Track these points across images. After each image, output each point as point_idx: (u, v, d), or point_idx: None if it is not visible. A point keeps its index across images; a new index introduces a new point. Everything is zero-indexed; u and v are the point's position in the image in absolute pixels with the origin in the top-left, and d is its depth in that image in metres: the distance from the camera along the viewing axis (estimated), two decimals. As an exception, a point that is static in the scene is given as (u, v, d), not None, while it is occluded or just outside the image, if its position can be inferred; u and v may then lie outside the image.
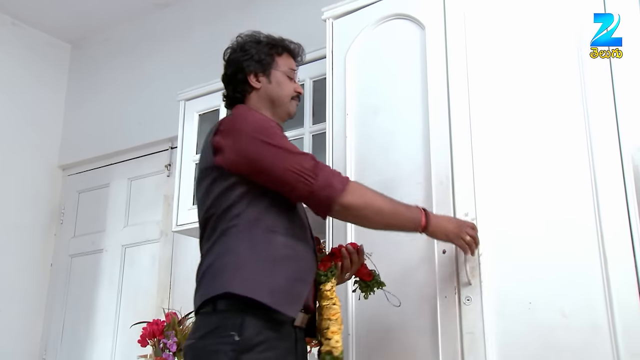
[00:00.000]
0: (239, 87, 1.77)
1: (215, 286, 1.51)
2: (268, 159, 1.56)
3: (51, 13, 3.94)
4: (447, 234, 1.68)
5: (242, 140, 1.58)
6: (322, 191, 1.54)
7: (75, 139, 4.08)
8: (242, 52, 1.78)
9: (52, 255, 3.96)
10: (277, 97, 1.77)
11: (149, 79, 3.83)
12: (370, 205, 1.57)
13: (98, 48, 4.17)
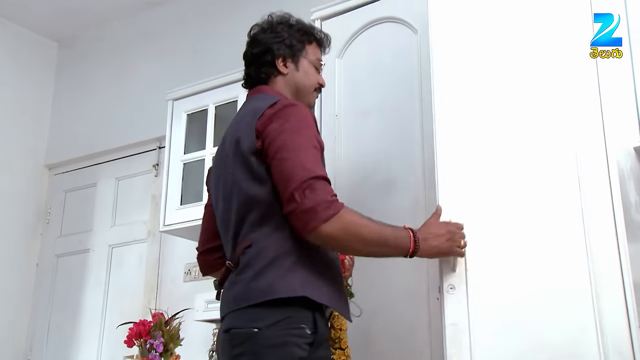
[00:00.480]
0: (264, 68, 1.71)
1: (288, 286, 1.46)
2: (282, 162, 1.49)
3: (38, 11, 3.91)
4: (440, 252, 1.61)
5: (282, 132, 1.51)
6: (304, 214, 1.43)
7: (62, 138, 4.05)
8: (273, 34, 1.71)
9: (38, 255, 3.93)
10: (303, 87, 1.73)
11: (137, 78, 3.81)
12: (353, 237, 1.47)
13: (86, 47, 4.15)
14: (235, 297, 1.52)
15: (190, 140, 3.04)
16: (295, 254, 1.49)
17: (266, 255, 1.50)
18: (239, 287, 1.51)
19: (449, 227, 1.64)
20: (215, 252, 1.75)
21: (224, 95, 2.96)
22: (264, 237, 1.52)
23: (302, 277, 1.48)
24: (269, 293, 1.46)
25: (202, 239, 1.81)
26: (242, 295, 1.50)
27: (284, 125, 1.52)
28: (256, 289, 1.47)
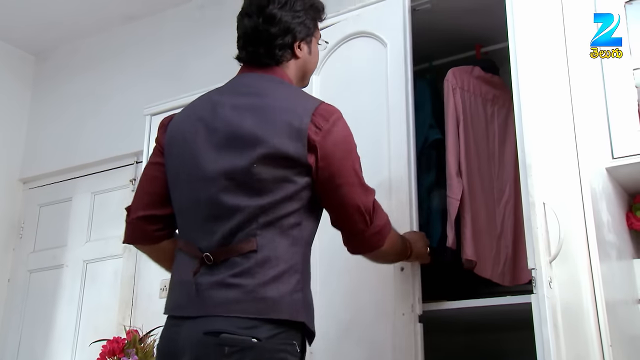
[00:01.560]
0: (281, 50, 1.53)
1: (293, 309, 1.39)
2: (347, 187, 1.47)
3: (14, 24, 3.88)
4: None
5: (345, 158, 1.46)
6: (373, 236, 1.54)
7: (38, 152, 4.00)
8: (292, 12, 1.53)
9: (10, 270, 3.86)
10: (311, 70, 1.64)
11: (114, 92, 3.79)
12: (393, 251, 1.66)
13: (63, 60, 4.12)
14: (230, 301, 1.37)
15: (167, 155, 3.03)
16: (300, 273, 1.43)
17: (274, 267, 1.38)
18: (237, 292, 1.37)
19: (420, 234, 1.88)
20: (156, 222, 1.55)
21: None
22: (272, 245, 1.39)
23: (303, 301, 1.43)
24: (273, 311, 1.36)
25: (142, 202, 1.56)
26: (242, 303, 1.36)
27: (342, 147, 1.46)
28: (261, 302, 1.36)
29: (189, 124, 1.51)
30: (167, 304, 1.50)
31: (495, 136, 2.30)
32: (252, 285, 1.36)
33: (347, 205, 1.49)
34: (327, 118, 1.44)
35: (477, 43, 2.42)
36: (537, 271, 1.54)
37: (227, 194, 1.41)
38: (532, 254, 1.55)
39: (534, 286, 1.54)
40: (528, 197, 1.60)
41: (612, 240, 1.89)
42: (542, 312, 1.51)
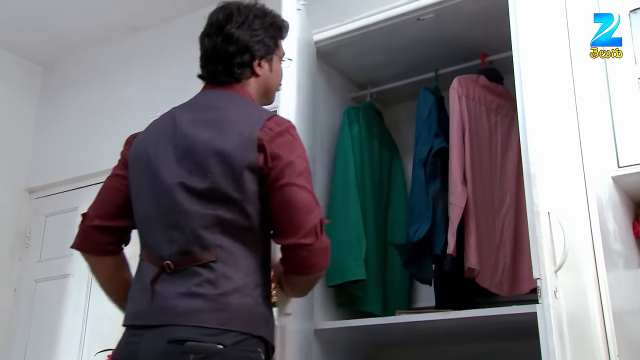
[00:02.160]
0: (239, 69, 1.55)
1: (252, 323, 1.40)
2: (296, 189, 1.42)
3: (21, 35, 3.91)
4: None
5: (291, 158, 1.44)
6: (321, 252, 1.44)
7: (44, 162, 4.02)
8: (250, 31, 1.55)
9: (16, 280, 3.87)
10: (273, 87, 1.63)
11: (120, 102, 3.80)
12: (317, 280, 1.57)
13: (70, 70, 4.14)
14: (193, 311, 1.36)
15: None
16: (261, 287, 1.44)
17: (234, 278, 1.39)
18: (200, 302, 1.37)
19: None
20: (109, 234, 1.58)
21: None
22: (232, 256, 1.41)
23: (264, 315, 1.43)
24: (235, 323, 1.37)
25: (100, 212, 1.59)
26: (204, 313, 1.36)
27: (298, 150, 1.46)
28: (223, 313, 1.37)
29: (152, 139, 1.56)
30: (127, 314, 1.51)
31: (498, 146, 2.30)
32: (214, 296, 1.37)
33: (295, 206, 1.41)
34: (280, 124, 1.47)
35: (481, 52, 2.42)
36: (542, 281, 1.54)
37: (186, 202, 1.42)
38: (536, 263, 1.55)
39: (539, 296, 1.53)
40: (533, 207, 1.60)
41: (618, 249, 1.88)
42: (547, 321, 1.50)
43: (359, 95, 2.75)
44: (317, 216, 1.43)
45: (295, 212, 1.42)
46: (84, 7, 3.66)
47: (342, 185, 2.36)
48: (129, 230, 1.60)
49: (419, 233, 2.15)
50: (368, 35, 2.36)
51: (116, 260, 1.64)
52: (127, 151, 1.63)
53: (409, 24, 2.28)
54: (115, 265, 1.63)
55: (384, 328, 2.17)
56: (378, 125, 2.65)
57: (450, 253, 2.03)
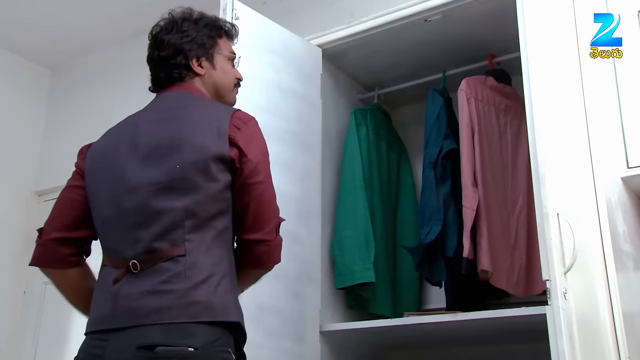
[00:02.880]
0: (176, 70, 1.59)
1: (225, 310, 1.37)
2: (266, 186, 1.47)
3: (30, 38, 3.93)
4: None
5: (262, 157, 1.47)
6: (277, 248, 1.50)
7: (53, 165, 4.03)
8: (179, 33, 1.59)
9: (25, 282, 3.88)
10: (222, 86, 1.62)
11: (129, 105, 3.76)
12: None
13: (78, 74, 4.16)
14: (162, 308, 1.32)
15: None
16: (229, 275, 1.42)
17: (203, 269, 1.36)
18: (168, 298, 1.32)
19: None
20: (70, 245, 1.57)
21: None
22: (201, 248, 1.38)
23: (234, 301, 1.42)
24: (206, 313, 1.32)
25: (58, 224, 1.58)
26: (174, 309, 1.32)
27: (261, 146, 1.49)
28: (193, 305, 1.32)
29: (110, 145, 1.58)
30: (89, 320, 1.47)
31: (508, 146, 2.29)
32: (183, 290, 1.33)
33: (265, 203, 1.47)
34: (245, 121, 1.48)
35: (489, 53, 2.42)
36: (551, 282, 1.53)
37: (153, 199, 1.40)
38: (546, 265, 1.55)
39: (548, 297, 1.53)
40: (542, 208, 1.60)
41: (628, 251, 1.87)
42: (557, 323, 1.50)
43: (366, 96, 2.75)
44: (278, 213, 1.50)
45: (266, 209, 1.46)
46: (92, 10, 3.68)
47: (350, 188, 2.36)
48: (90, 240, 1.60)
49: (430, 235, 2.15)
50: (375, 37, 2.36)
51: (80, 271, 1.63)
52: (82, 161, 1.64)
53: (416, 25, 2.28)
54: (79, 277, 1.63)
55: (392, 330, 2.17)
56: (386, 126, 2.65)
57: (466, 256, 2.02)
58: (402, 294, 2.47)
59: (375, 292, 2.33)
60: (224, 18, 1.98)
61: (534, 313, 1.72)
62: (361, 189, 2.34)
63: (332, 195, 2.39)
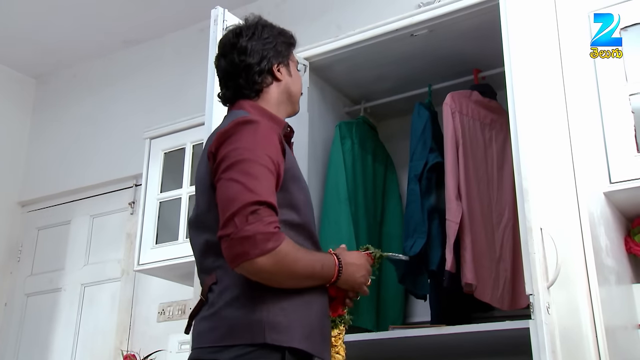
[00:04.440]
0: (259, 77, 1.58)
1: (251, 331, 1.35)
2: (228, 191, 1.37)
3: (16, 48, 3.91)
4: (354, 287, 1.53)
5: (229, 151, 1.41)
6: (241, 242, 1.31)
7: (37, 175, 4.01)
8: (262, 40, 1.61)
9: (7, 294, 3.84)
10: (295, 92, 1.66)
11: (115, 115, 3.81)
12: (285, 272, 1.37)
13: (64, 84, 4.15)
14: (199, 334, 1.43)
15: (166, 178, 3.04)
16: (259, 290, 1.38)
17: (228, 292, 1.40)
18: (204, 324, 1.42)
19: (365, 260, 1.59)
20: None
21: (202, 134, 2.96)
22: (226, 272, 1.40)
23: (265, 319, 1.36)
24: (230, 337, 1.36)
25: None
26: (206, 334, 1.41)
27: (236, 143, 1.41)
28: (219, 329, 1.38)
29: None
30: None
31: (494, 160, 2.31)
32: (210, 315, 1.42)
33: (221, 199, 1.37)
34: (231, 125, 1.44)
35: (474, 68, 2.44)
36: (534, 297, 1.54)
37: (192, 238, 1.55)
38: (529, 279, 1.55)
39: (532, 312, 1.53)
40: (525, 222, 1.60)
41: (610, 265, 1.88)
42: (540, 337, 1.50)
43: (353, 109, 2.76)
44: (238, 204, 1.33)
45: (221, 207, 1.37)
46: (78, 21, 3.68)
47: (334, 201, 2.36)
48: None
49: (414, 248, 2.15)
50: (362, 50, 2.37)
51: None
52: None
53: (402, 39, 2.29)
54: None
55: (376, 343, 2.16)
56: (372, 139, 2.65)
57: (449, 269, 2.03)
58: (387, 308, 2.47)
59: (359, 306, 2.33)
60: (215, 28, 1.98)
61: (517, 327, 1.72)
62: (345, 202, 2.34)
63: (316, 209, 2.39)
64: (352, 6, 3.08)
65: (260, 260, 1.31)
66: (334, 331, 1.56)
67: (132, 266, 3.02)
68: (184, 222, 2.82)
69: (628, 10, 2.02)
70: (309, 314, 1.42)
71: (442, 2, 2.17)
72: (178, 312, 3.17)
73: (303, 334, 1.39)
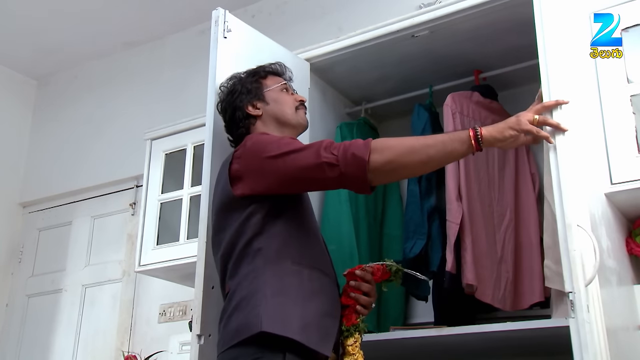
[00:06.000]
0: (241, 123, 1.76)
1: (249, 326, 1.45)
2: (283, 170, 1.52)
3: (17, 49, 3.92)
4: (512, 127, 1.53)
5: (256, 161, 1.56)
6: (350, 167, 1.45)
7: (38, 176, 4.01)
8: (230, 95, 1.79)
9: (8, 295, 3.85)
10: (282, 114, 1.76)
11: (115, 117, 3.81)
12: (400, 151, 1.45)
13: (65, 85, 4.15)
14: (219, 341, 1.55)
15: (167, 179, 3.04)
16: (262, 291, 1.48)
17: (235, 298, 1.51)
18: (221, 331, 1.54)
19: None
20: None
21: (203, 135, 2.96)
22: (237, 282, 1.54)
23: (265, 313, 1.45)
24: (234, 337, 1.46)
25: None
26: (220, 340, 1.53)
27: (254, 149, 1.58)
28: (226, 334, 1.50)
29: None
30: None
31: (495, 161, 2.31)
32: (225, 321, 1.53)
33: (301, 177, 1.52)
34: (244, 144, 1.62)
35: (475, 69, 2.44)
36: (575, 295, 1.51)
37: (214, 253, 1.69)
38: (569, 277, 1.52)
39: (572, 310, 1.50)
40: (564, 219, 1.57)
41: (612, 266, 1.88)
42: (582, 337, 1.48)
43: (353, 110, 2.76)
44: (315, 156, 1.53)
45: (299, 175, 1.58)
46: (79, 22, 3.68)
47: (334, 202, 2.36)
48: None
49: (414, 249, 2.15)
50: (363, 51, 2.37)
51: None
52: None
53: (403, 40, 2.29)
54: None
55: (377, 344, 2.16)
56: (373, 140, 2.65)
57: (449, 270, 2.03)
58: (388, 308, 2.46)
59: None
60: (216, 30, 1.98)
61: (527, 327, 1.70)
62: (346, 202, 2.34)
63: (317, 210, 2.39)
64: (353, 7, 3.08)
65: (373, 158, 1.44)
66: (350, 340, 1.60)
67: (133, 267, 3.02)
68: (185, 223, 2.83)
69: (629, 11, 2.02)
70: (305, 310, 1.49)
71: (443, 3, 2.16)
72: (179, 313, 3.17)
73: (299, 326, 1.45)
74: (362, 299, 1.61)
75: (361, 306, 1.61)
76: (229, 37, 2.01)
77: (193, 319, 1.79)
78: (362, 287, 1.62)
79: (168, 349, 2.96)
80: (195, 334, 1.75)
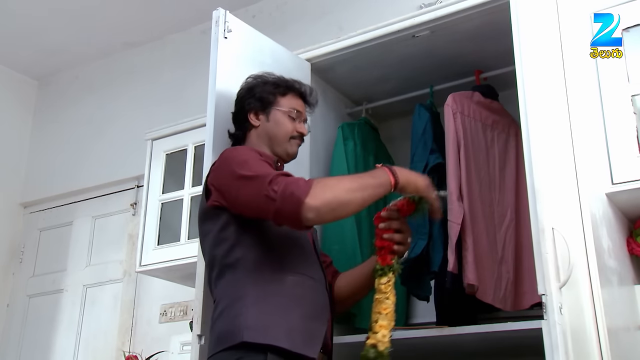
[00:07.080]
0: (241, 124, 1.82)
1: (232, 335, 1.49)
2: (235, 193, 1.56)
3: (18, 50, 3.92)
4: (418, 188, 1.60)
5: (222, 177, 1.61)
6: (287, 205, 1.45)
7: (39, 176, 4.01)
8: (247, 92, 1.83)
9: (9, 295, 3.85)
10: (274, 136, 1.78)
11: (116, 117, 3.81)
12: (339, 192, 1.49)
13: (66, 85, 4.15)
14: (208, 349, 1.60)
15: (168, 179, 3.04)
16: (243, 301, 1.52)
17: (219, 307, 1.56)
18: (209, 340, 1.59)
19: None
20: None
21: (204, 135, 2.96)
22: (220, 291, 1.59)
23: (245, 322, 1.48)
24: (217, 345, 1.51)
25: None
26: (207, 348, 1.58)
27: (222, 167, 1.61)
28: (211, 341, 1.55)
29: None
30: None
31: (496, 161, 2.30)
32: (211, 330, 1.57)
33: (244, 203, 1.54)
34: (221, 155, 1.66)
35: (476, 69, 2.44)
36: (547, 297, 1.53)
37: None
38: (542, 279, 1.54)
39: (545, 312, 1.52)
40: (537, 223, 1.60)
41: (613, 266, 1.88)
42: (553, 338, 1.49)
43: (354, 110, 2.76)
44: (258, 189, 1.53)
45: (246, 203, 1.59)
46: (80, 22, 3.68)
47: (337, 202, 2.35)
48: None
49: (416, 250, 2.15)
50: (363, 51, 2.37)
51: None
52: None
53: (404, 40, 2.29)
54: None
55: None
56: (374, 140, 2.65)
57: (451, 270, 2.03)
58: (389, 309, 2.46)
59: (361, 307, 2.32)
60: (217, 30, 1.99)
61: (527, 327, 1.72)
62: (348, 203, 2.34)
63: (319, 209, 2.39)
64: (354, 7, 3.08)
65: (309, 200, 1.44)
66: (383, 279, 1.63)
67: (134, 267, 3.02)
68: (186, 223, 2.83)
69: (629, 11, 2.02)
70: (288, 317, 1.52)
71: (444, 3, 2.17)
72: (180, 313, 3.17)
73: (282, 333, 1.48)
74: (396, 237, 1.64)
75: (398, 244, 1.64)
76: (229, 37, 2.01)
77: (194, 319, 1.80)
78: (392, 225, 1.65)
79: (169, 349, 2.96)
80: (196, 334, 1.75)
